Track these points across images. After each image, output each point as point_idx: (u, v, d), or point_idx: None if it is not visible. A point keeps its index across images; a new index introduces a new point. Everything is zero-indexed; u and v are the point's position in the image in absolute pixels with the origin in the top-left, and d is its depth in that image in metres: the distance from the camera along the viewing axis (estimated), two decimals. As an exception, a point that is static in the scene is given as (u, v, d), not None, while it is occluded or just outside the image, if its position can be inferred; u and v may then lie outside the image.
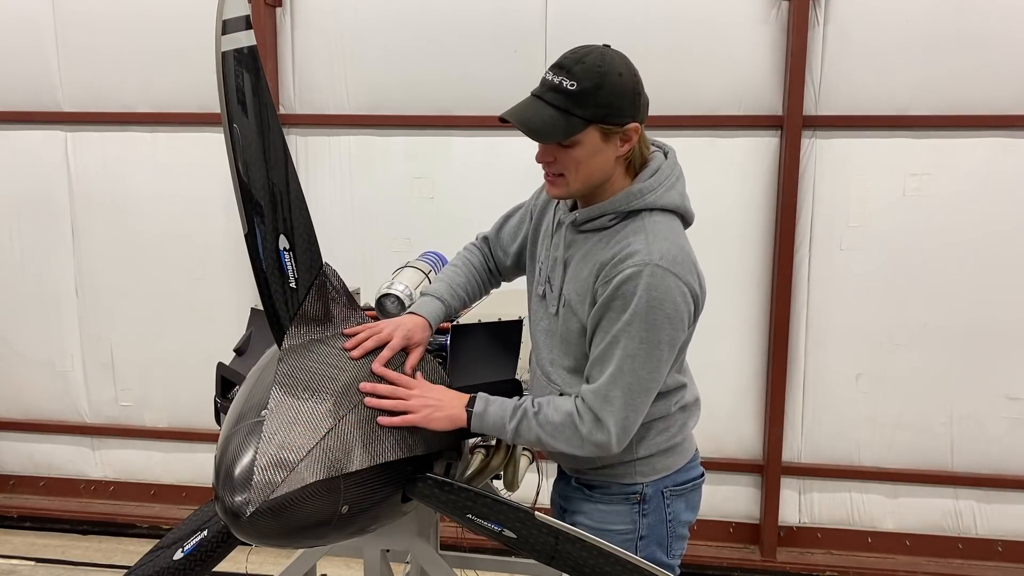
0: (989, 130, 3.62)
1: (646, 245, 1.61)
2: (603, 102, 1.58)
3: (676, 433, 1.86)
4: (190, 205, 4.19)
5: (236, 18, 1.52)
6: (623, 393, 1.61)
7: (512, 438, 1.67)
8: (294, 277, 1.61)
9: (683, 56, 3.72)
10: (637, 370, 1.60)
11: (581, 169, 1.63)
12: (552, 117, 1.58)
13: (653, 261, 1.58)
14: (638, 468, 1.82)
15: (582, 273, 1.70)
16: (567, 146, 1.61)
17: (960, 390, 3.79)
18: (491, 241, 2.07)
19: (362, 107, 4.02)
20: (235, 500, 1.36)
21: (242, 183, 1.54)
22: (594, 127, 1.59)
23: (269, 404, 1.46)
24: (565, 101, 1.57)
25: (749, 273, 3.86)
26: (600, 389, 1.62)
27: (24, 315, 4.41)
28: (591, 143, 1.61)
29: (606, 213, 1.68)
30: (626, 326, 1.59)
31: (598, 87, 1.57)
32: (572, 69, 1.58)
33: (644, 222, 1.66)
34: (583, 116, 1.57)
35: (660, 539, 1.86)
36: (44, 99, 4.21)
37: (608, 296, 1.61)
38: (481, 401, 1.67)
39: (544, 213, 1.92)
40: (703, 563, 3.94)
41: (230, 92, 1.52)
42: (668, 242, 1.62)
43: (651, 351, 1.60)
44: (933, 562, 3.88)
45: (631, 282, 1.58)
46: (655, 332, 1.59)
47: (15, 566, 4.06)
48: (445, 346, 1.99)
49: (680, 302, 1.60)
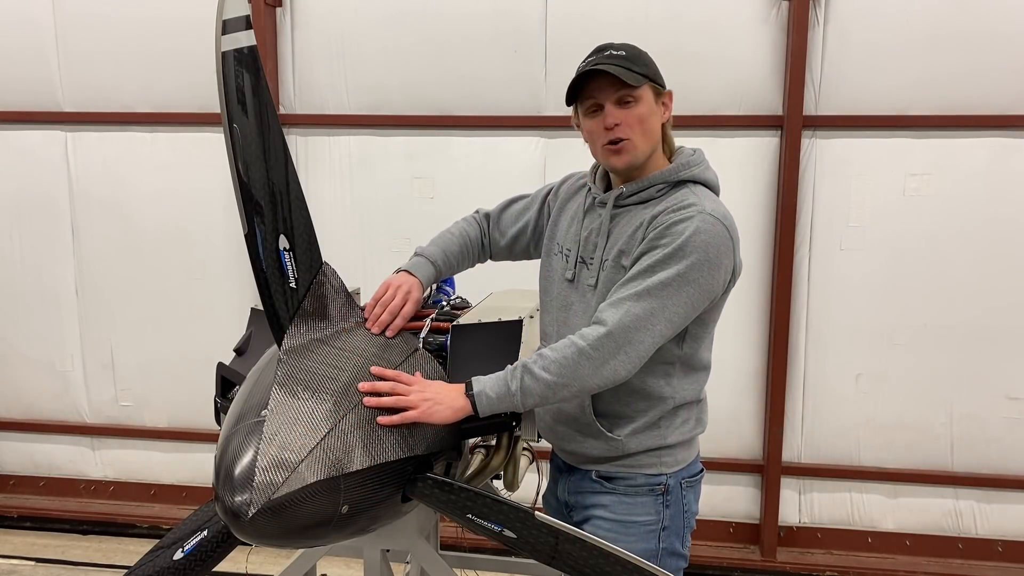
0: (989, 130, 3.62)
1: (699, 200, 1.72)
2: (649, 64, 1.78)
3: (695, 425, 1.92)
4: (190, 205, 4.19)
5: (236, 18, 1.52)
6: (643, 311, 1.64)
7: (521, 401, 1.65)
8: (294, 277, 1.61)
9: (683, 56, 3.71)
10: (664, 298, 1.64)
11: (645, 127, 1.75)
12: (622, 70, 1.70)
13: (707, 211, 1.69)
14: (664, 458, 1.85)
15: (628, 229, 1.78)
16: (631, 103, 1.74)
17: (960, 390, 3.79)
18: (492, 219, 2.16)
19: (362, 107, 4.02)
20: (235, 500, 1.36)
21: (242, 183, 1.54)
22: (648, 85, 1.75)
23: (269, 404, 1.46)
24: (624, 61, 1.73)
25: (749, 273, 3.86)
26: (621, 301, 1.66)
27: (24, 315, 4.41)
28: (648, 101, 1.76)
29: (655, 183, 1.78)
30: (667, 259, 1.65)
31: (640, 54, 1.78)
32: (612, 45, 1.77)
33: (692, 188, 1.78)
34: (642, 72, 1.73)
35: (678, 530, 1.89)
36: (44, 99, 4.21)
37: (657, 234, 1.69)
38: (477, 383, 1.67)
39: (565, 208, 2.00)
40: (703, 563, 3.94)
41: (230, 92, 1.52)
42: (718, 204, 1.75)
43: (684, 286, 1.65)
44: (933, 562, 3.88)
45: (683, 223, 1.67)
46: (694, 270, 1.65)
47: (15, 566, 4.06)
48: (445, 346, 1.99)
49: (723, 252, 1.68)
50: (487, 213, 2.18)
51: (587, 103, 1.79)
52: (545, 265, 2.02)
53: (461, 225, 2.15)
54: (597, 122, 1.78)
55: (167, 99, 4.12)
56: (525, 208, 2.11)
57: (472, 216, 2.18)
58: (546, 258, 2.02)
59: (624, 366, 1.65)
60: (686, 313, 1.68)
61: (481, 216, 2.18)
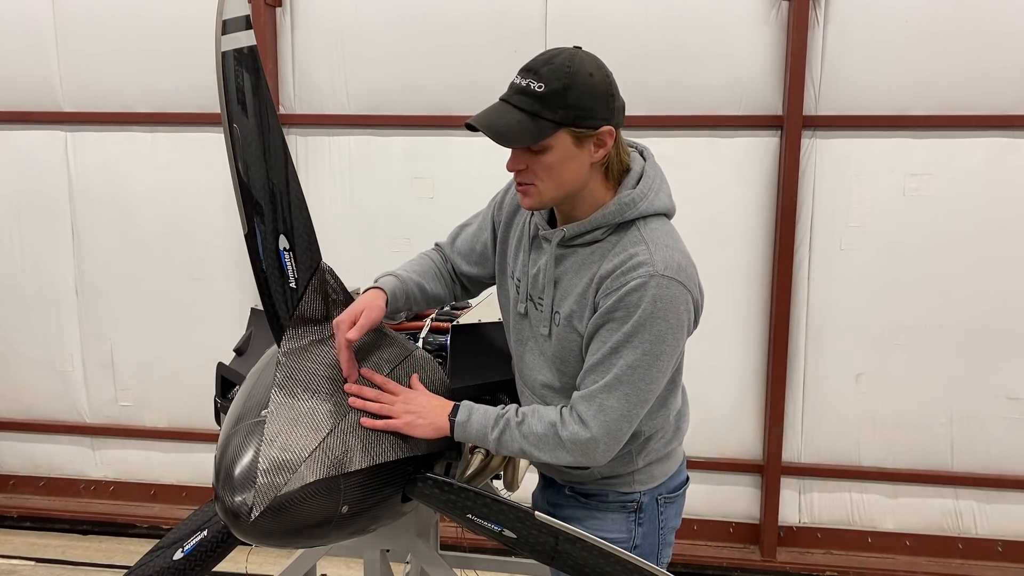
0: (989, 130, 3.62)
1: (650, 255, 1.54)
2: (573, 104, 1.49)
3: (671, 439, 1.83)
4: (190, 205, 4.18)
5: (236, 18, 1.52)
6: (619, 403, 1.55)
7: (495, 448, 1.62)
8: (294, 277, 1.61)
9: (683, 56, 3.72)
10: (636, 381, 1.55)
11: (553, 176, 1.54)
12: (520, 121, 1.50)
13: (659, 272, 1.52)
14: (637, 477, 1.79)
15: (577, 287, 1.63)
16: (537, 152, 1.53)
17: (960, 390, 3.79)
18: (446, 249, 1.96)
19: (362, 107, 4.01)
20: (235, 500, 1.36)
21: (242, 183, 1.54)
22: (565, 131, 1.50)
23: (269, 405, 1.47)
24: (533, 104, 1.49)
25: (749, 273, 3.86)
26: (594, 396, 1.56)
27: (24, 315, 4.41)
28: (562, 148, 1.52)
29: (598, 227, 1.60)
30: (628, 337, 1.53)
31: (567, 88, 1.48)
32: (540, 71, 1.50)
33: (641, 231, 1.59)
34: (552, 119, 1.49)
35: (652, 548, 1.83)
36: (44, 99, 4.21)
37: (611, 306, 1.54)
38: (464, 410, 1.63)
39: (512, 224, 1.82)
40: (703, 563, 3.94)
41: (230, 92, 1.52)
42: (670, 249, 1.57)
43: (652, 362, 1.54)
44: (933, 562, 3.88)
45: (637, 293, 1.52)
46: (658, 343, 1.53)
47: (15, 566, 4.06)
48: (445, 346, 1.99)
49: (683, 312, 1.55)
50: (439, 244, 1.99)
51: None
52: (500, 284, 1.88)
53: (421, 255, 1.96)
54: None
55: (167, 99, 4.12)
56: (479, 230, 1.90)
57: (427, 251, 1.99)
58: (501, 277, 1.87)
59: (606, 456, 1.60)
60: (660, 384, 1.60)
61: (434, 248, 1.99)
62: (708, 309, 1.74)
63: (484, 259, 1.90)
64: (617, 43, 3.75)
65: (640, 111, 3.78)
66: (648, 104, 3.77)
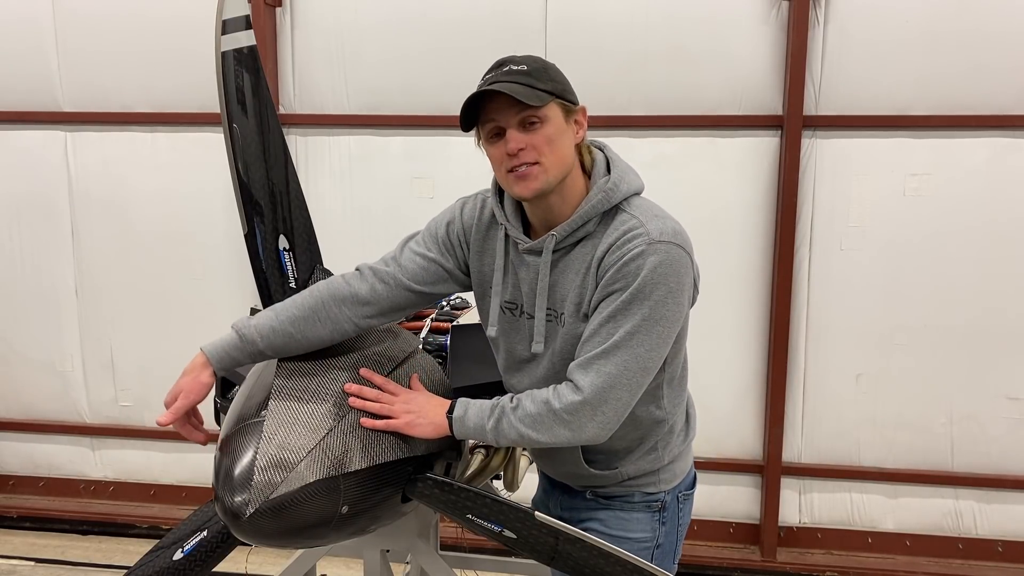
0: (989, 130, 3.62)
1: (644, 227, 1.54)
2: (555, 78, 1.56)
3: (687, 435, 1.86)
4: (190, 205, 4.18)
5: (236, 18, 1.53)
6: (617, 369, 1.52)
7: (494, 439, 1.59)
8: (294, 277, 1.61)
9: (683, 56, 3.72)
10: (635, 347, 1.52)
11: (555, 150, 1.54)
12: (523, 87, 1.50)
13: (656, 239, 1.52)
14: (662, 476, 1.79)
15: (576, 278, 1.61)
16: (536, 124, 1.53)
17: (960, 390, 3.79)
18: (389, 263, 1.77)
19: (362, 107, 4.02)
20: (235, 500, 1.36)
21: (242, 183, 1.55)
22: (555, 102, 1.54)
23: (269, 405, 1.46)
24: (524, 77, 1.52)
25: (749, 273, 3.86)
26: (591, 362, 1.53)
27: (24, 315, 4.41)
28: (556, 120, 1.54)
29: (589, 219, 1.59)
30: (626, 304, 1.52)
31: (545, 67, 1.56)
32: (513, 59, 1.56)
33: (628, 210, 1.59)
34: (545, 89, 1.52)
35: (671, 547, 1.85)
36: (44, 99, 4.21)
37: (611, 278, 1.53)
38: (460, 405, 1.61)
39: (484, 241, 1.74)
40: (703, 563, 3.94)
41: (230, 92, 1.52)
42: (662, 218, 1.57)
43: (652, 327, 1.52)
44: (933, 562, 3.88)
45: (636, 261, 1.51)
46: (659, 308, 1.52)
47: (15, 566, 4.06)
48: (445, 346, 1.99)
49: (684, 273, 1.54)
50: (371, 266, 1.76)
51: (488, 127, 1.57)
52: (483, 307, 1.79)
53: (324, 284, 1.69)
54: (499, 148, 1.56)
55: (167, 99, 4.12)
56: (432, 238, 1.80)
57: (345, 275, 1.74)
58: (481, 301, 1.80)
59: (605, 427, 1.56)
60: (661, 352, 1.57)
61: (363, 269, 1.74)
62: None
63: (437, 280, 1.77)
64: (617, 43, 3.75)
65: (640, 111, 3.79)
66: (648, 104, 3.77)
